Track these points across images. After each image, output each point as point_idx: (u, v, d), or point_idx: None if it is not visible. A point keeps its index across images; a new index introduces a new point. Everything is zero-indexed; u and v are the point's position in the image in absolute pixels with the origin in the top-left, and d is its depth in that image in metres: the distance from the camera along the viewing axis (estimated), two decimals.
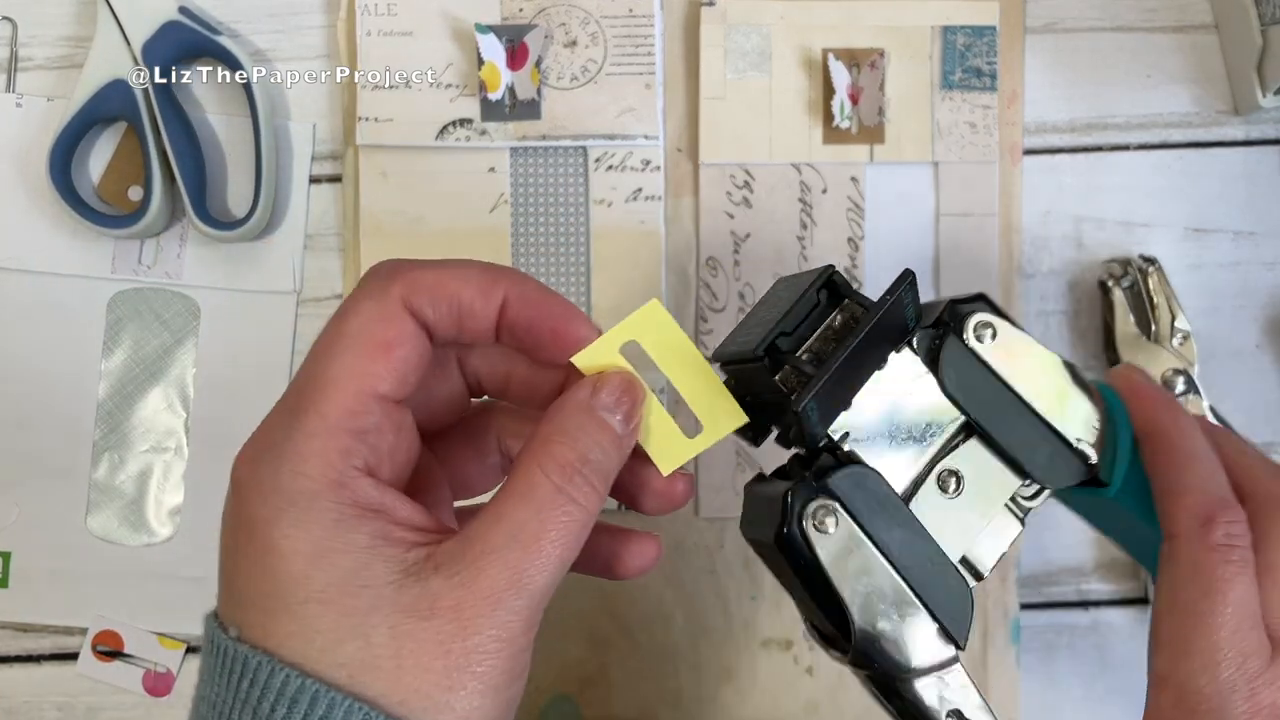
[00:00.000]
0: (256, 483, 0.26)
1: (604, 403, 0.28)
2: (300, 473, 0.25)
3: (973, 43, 0.49)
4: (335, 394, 0.26)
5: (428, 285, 0.27)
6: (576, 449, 0.27)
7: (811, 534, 0.31)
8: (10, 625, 0.49)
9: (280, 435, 0.26)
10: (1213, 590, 0.31)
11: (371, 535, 0.25)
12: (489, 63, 0.48)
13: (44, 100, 0.50)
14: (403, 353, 0.27)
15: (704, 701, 0.49)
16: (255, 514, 0.25)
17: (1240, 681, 0.30)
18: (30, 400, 0.49)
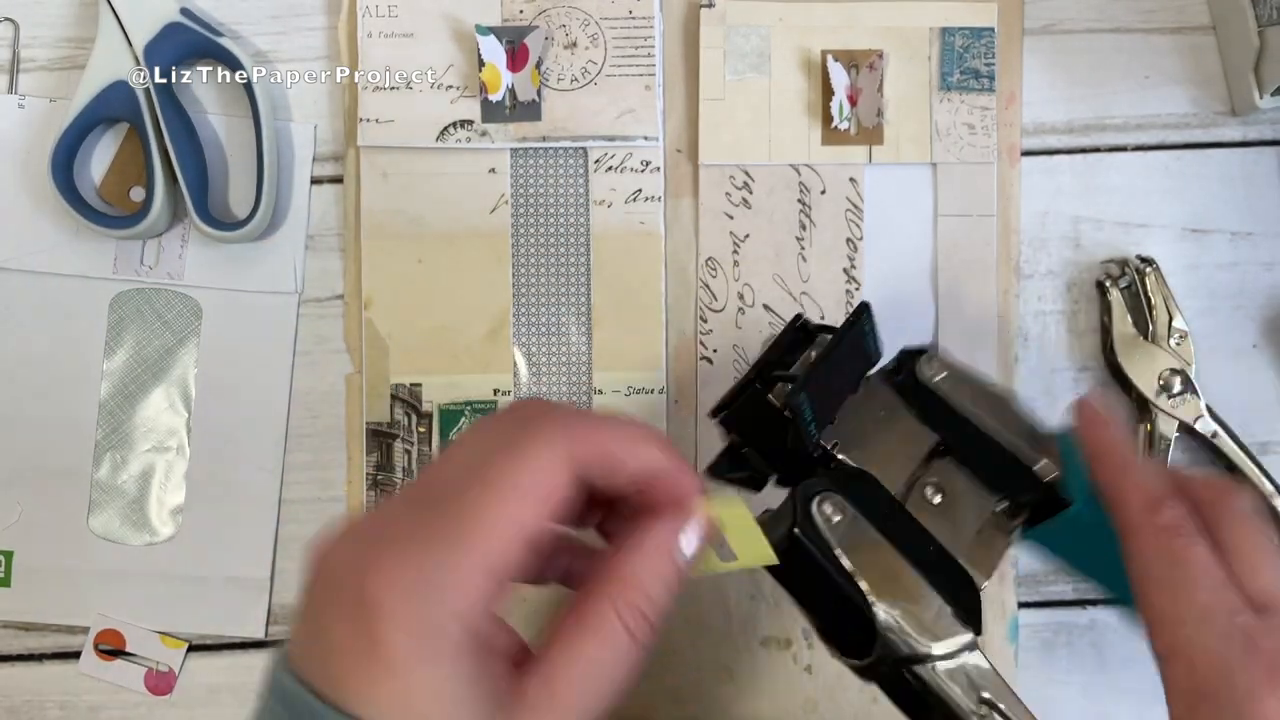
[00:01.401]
0: (405, 614, 0.26)
1: (684, 548, 0.30)
2: (449, 613, 0.26)
3: (971, 44, 0.50)
4: (495, 540, 0.27)
5: (595, 445, 0.29)
6: (650, 595, 0.29)
7: (821, 524, 0.33)
8: (12, 624, 0.49)
9: (431, 565, 0.27)
10: (1177, 560, 0.33)
11: (493, 676, 0.27)
12: (489, 64, 0.48)
13: (46, 101, 0.50)
14: (561, 507, 0.28)
15: (704, 700, 0.49)
16: (394, 640, 0.26)
17: (1237, 633, 0.31)
18: (32, 400, 0.49)
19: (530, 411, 0.30)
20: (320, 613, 0.28)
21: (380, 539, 0.28)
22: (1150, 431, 0.48)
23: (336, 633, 0.27)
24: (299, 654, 0.28)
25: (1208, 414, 0.48)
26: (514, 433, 0.29)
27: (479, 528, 0.27)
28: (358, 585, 0.27)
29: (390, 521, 0.29)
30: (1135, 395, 0.49)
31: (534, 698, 0.27)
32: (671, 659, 0.49)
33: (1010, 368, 0.49)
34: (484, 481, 0.28)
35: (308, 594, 0.28)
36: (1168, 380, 0.48)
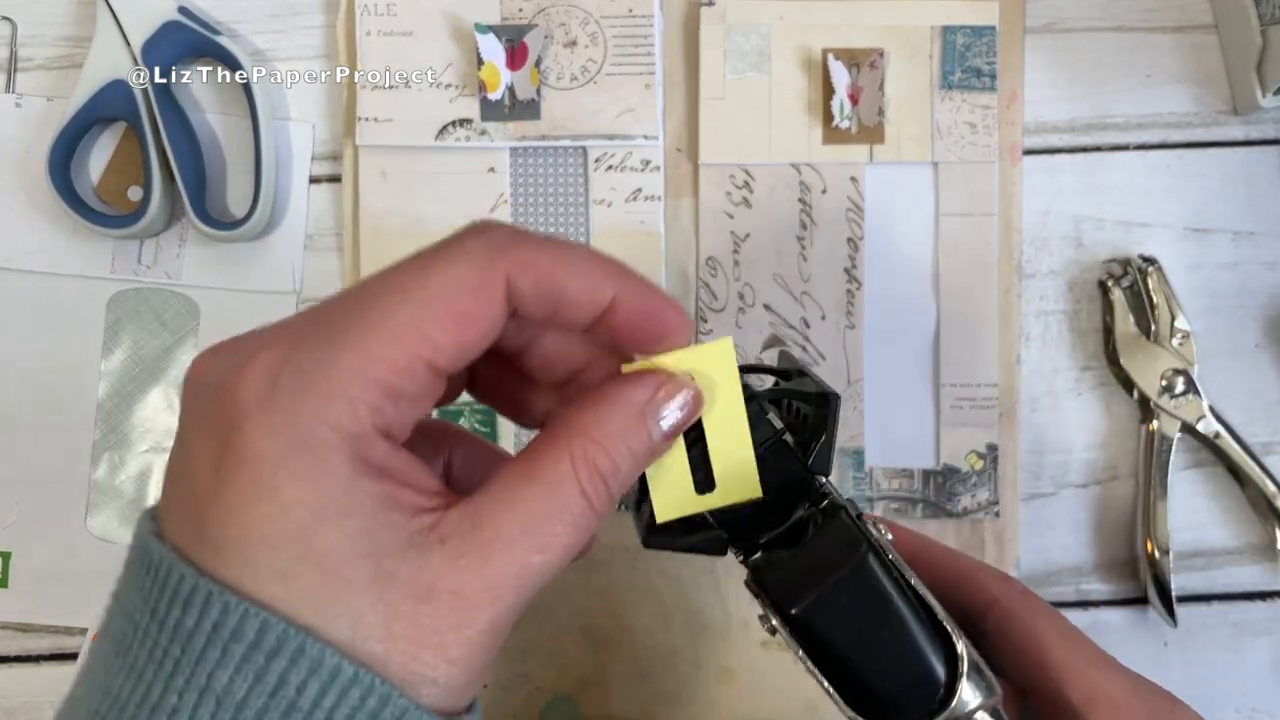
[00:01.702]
0: (268, 408, 0.22)
1: (660, 412, 0.26)
2: (323, 417, 0.22)
3: (972, 43, 0.49)
4: (388, 344, 0.23)
5: (538, 270, 0.25)
6: (613, 456, 0.25)
7: (884, 544, 0.28)
8: (10, 625, 0.49)
9: (310, 362, 0.23)
10: (1053, 613, 0.33)
11: (380, 498, 0.23)
12: (488, 63, 0.48)
13: (43, 100, 0.49)
14: (479, 331, 0.24)
15: (704, 701, 0.49)
16: (258, 446, 0.22)
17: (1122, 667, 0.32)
18: (30, 400, 0.49)
19: (479, 229, 0.25)
20: (185, 438, 0.24)
21: (259, 347, 0.23)
22: (1153, 432, 0.48)
23: (197, 452, 0.23)
24: (165, 500, 0.24)
25: (1210, 414, 0.48)
26: (440, 244, 0.25)
27: (370, 330, 0.23)
28: (223, 391, 0.23)
29: (274, 329, 0.24)
30: (1138, 395, 0.49)
31: (455, 541, 0.23)
32: (671, 660, 0.49)
33: (1012, 368, 0.49)
34: (389, 286, 0.24)
35: (179, 422, 0.24)
36: (1170, 380, 0.48)
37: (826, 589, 0.27)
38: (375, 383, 0.23)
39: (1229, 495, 0.49)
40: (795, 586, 0.28)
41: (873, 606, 0.27)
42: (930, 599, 0.28)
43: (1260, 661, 0.49)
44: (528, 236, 0.25)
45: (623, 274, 0.26)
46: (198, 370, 0.24)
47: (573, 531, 0.24)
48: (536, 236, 0.25)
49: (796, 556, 0.28)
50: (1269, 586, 0.49)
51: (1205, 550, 0.49)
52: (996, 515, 0.49)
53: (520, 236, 0.25)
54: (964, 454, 0.49)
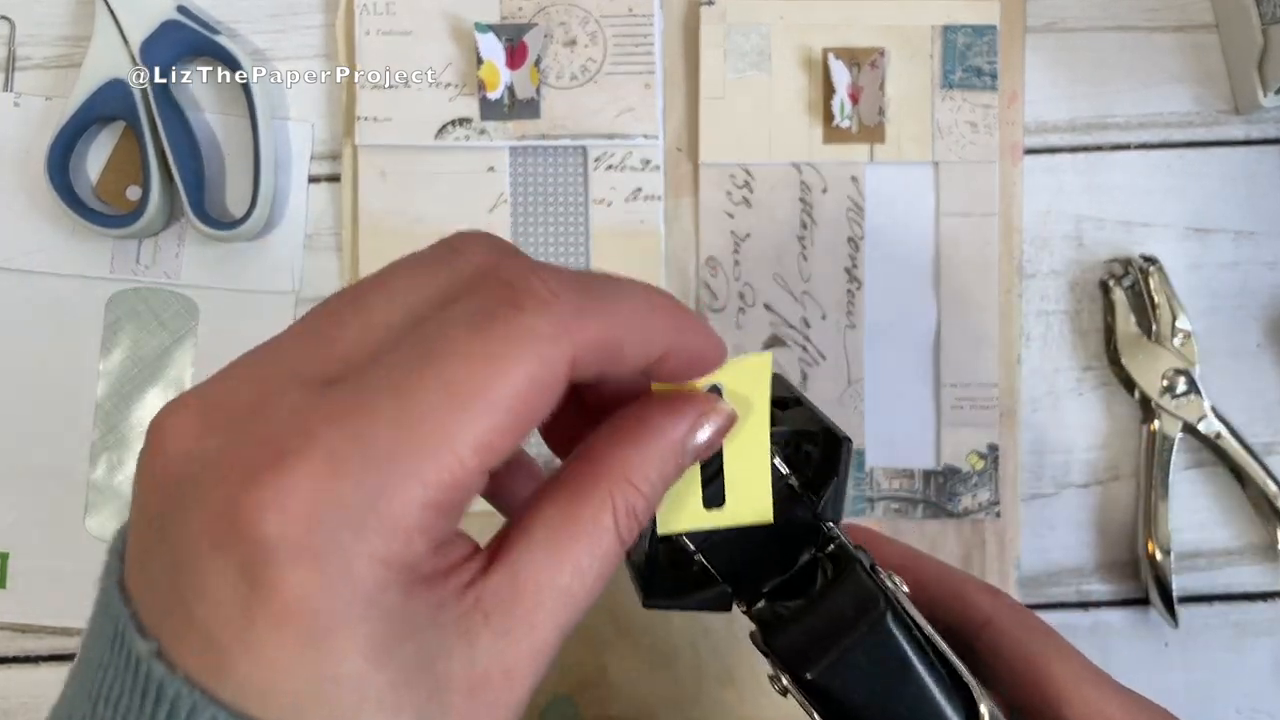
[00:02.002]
0: (312, 553, 0.19)
1: (696, 444, 0.24)
2: (377, 557, 0.20)
3: (973, 42, 0.49)
4: (448, 468, 0.20)
5: (602, 344, 0.22)
6: (650, 498, 0.23)
7: (905, 603, 0.26)
8: (8, 626, 0.49)
9: (356, 495, 0.19)
10: (1048, 630, 0.32)
11: (431, 606, 0.21)
12: (488, 62, 0.48)
13: (42, 100, 0.49)
14: (538, 420, 0.21)
15: (704, 702, 0.49)
16: (308, 600, 0.19)
17: (1113, 681, 0.32)
18: (28, 400, 0.49)
19: (510, 274, 0.22)
20: (179, 544, 0.20)
21: (272, 448, 0.20)
22: (1154, 432, 0.48)
23: (210, 579, 0.19)
24: (148, 594, 0.21)
25: (1211, 414, 0.48)
26: (496, 305, 0.21)
27: (427, 451, 0.20)
28: (243, 515, 0.19)
29: (282, 411, 0.20)
30: (1139, 395, 0.49)
31: (499, 616, 0.21)
32: (672, 662, 0.49)
33: (1013, 368, 0.49)
34: (446, 389, 0.20)
35: (149, 497, 0.21)
36: (1171, 380, 0.48)
37: (843, 651, 0.26)
38: (432, 507, 0.20)
39: (1230, 495, 0.49)
40: (809, 648, 0.26)
41: (891, 667, 0.26)
42: (949, 654, 0.27)
43: (1262, 662, 0.49)
44: (590, 303, 0.22)
45: (678, 324, 0.24)
46: (178, 444, 0.21)
47: (606, 579, 0.23)
48: (596, 297, 0.22)
49: (808, 614, 0.26)
50: (1270, 587, 0.49)
51: (1206, 551, 0.49)
52: (997, 515, 0.49)
53: (585, 307, 0.21)
54: (965, 454, 0.49)
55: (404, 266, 0.23)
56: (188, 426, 0.21)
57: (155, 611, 0.21)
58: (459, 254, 0.23)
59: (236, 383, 0.21)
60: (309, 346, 0.22)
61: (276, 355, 0.22)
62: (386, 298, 0.22)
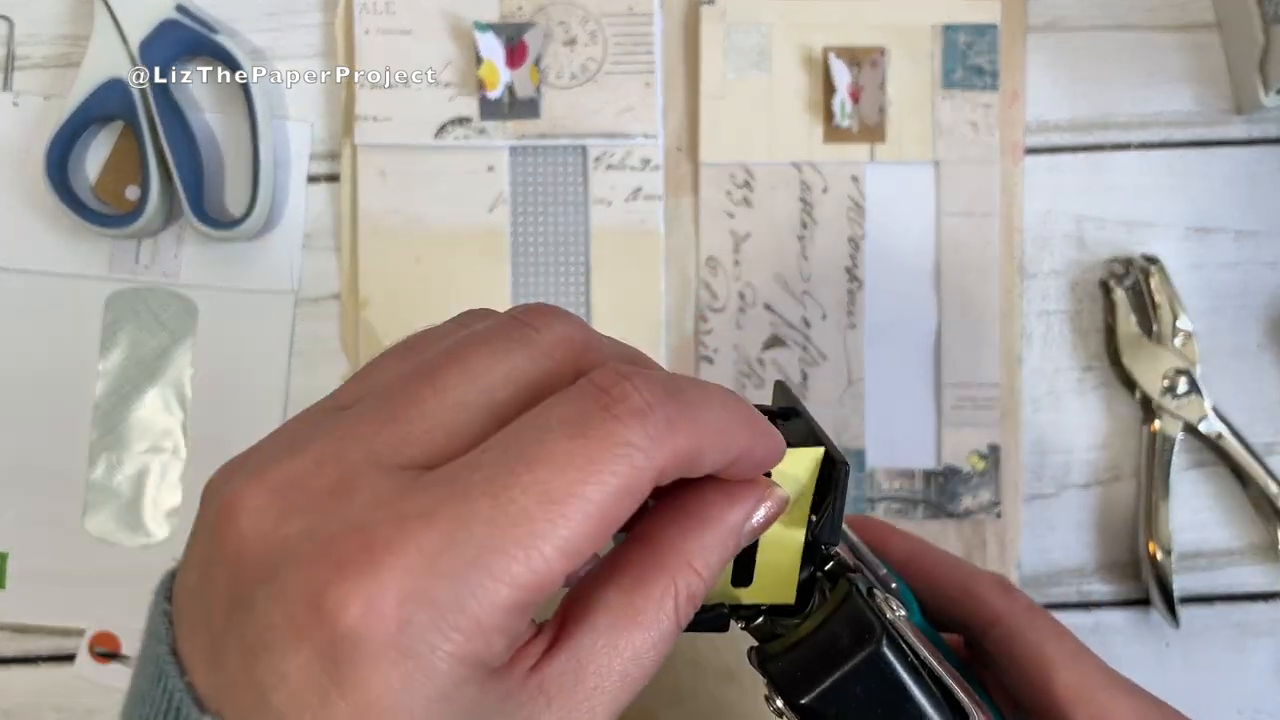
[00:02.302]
0: (400, 651, 0.19)
1: (754, 528, 0.24)
2: (460, 657, 0.20)
3: (974, 41, 0.49)
4: (538, 573, 0.20)
5: (685, 458, 0.22)
6: (709, 583, 0.23)
7: (902, 629, 0.26)
8: (7, 626, 0.48)
9: (448, 595, 0.19)
10: (1062, 633, 0.32)
11: (499, 695, 0.21)
12: (487, 61, 0.48)
13: (41, 99, 0.49)
14: (619, 526, 0.22)
15: (704, 701, 0.48)
16: (391, 697, 0.19)
17: (1128, 686, 0.32)
18: (26, 400, 0.49)
19: (603, 379, 0.22)
20: (256, 625, 0.20)
21: (360, 540, 0.20)
22: (1155, 432, 0.48)
23: (286, 660, 0.19)
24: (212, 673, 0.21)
25: (1212, 414, 0.48)
26: (591, 413, 0.21)
27: (518, 556, 0.20)
28: (325, 609, 0.19)
29: (367, 501, 0.20)
30: (1139, 395, 0.48)
31: (560, 701, 0.21)
32: (672, 659, 0.49)
33: (1013, 368, 0.49)
34: (542, 489, 0.20)
35: (218, 573, 0.21)
36: (1172, 380, 0.48)
37: (838, 680, 0.26)
38: (515, 608, 0.20)
39: (1231, 496, 0.49)
40: (803, 675, 0.26)
41: (886, 695, 0.26)
42: (946, 679, 0.27)
43: (1263, 663, 0.49)
44: (680, 416, 0.22)
45: (751, 431, 0.23)
46: (252, 524, 0.21)
47: (662, 661, 0.23)
48: (685, 408, 0.22)
49: (803, 641, 0.26)
50: (1271, 588, 0.49)
51: (1208, 551, 0.49)
52: (998, 516, 0.49)
53: (675, 421, 0.21)
54: (965, 454, 0.49)
55: (479, 345, 0.23)
56: (266, 506, 0.21)
57: (218, 691, 0.20)
58: (535, 332, 0.23)
59: (313, 461, 0.21)
60: (386, 427, 0.22)
61: (353, 433, 0.22)
62: (464, 379, 0.22)
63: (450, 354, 0.22)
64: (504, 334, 0.23)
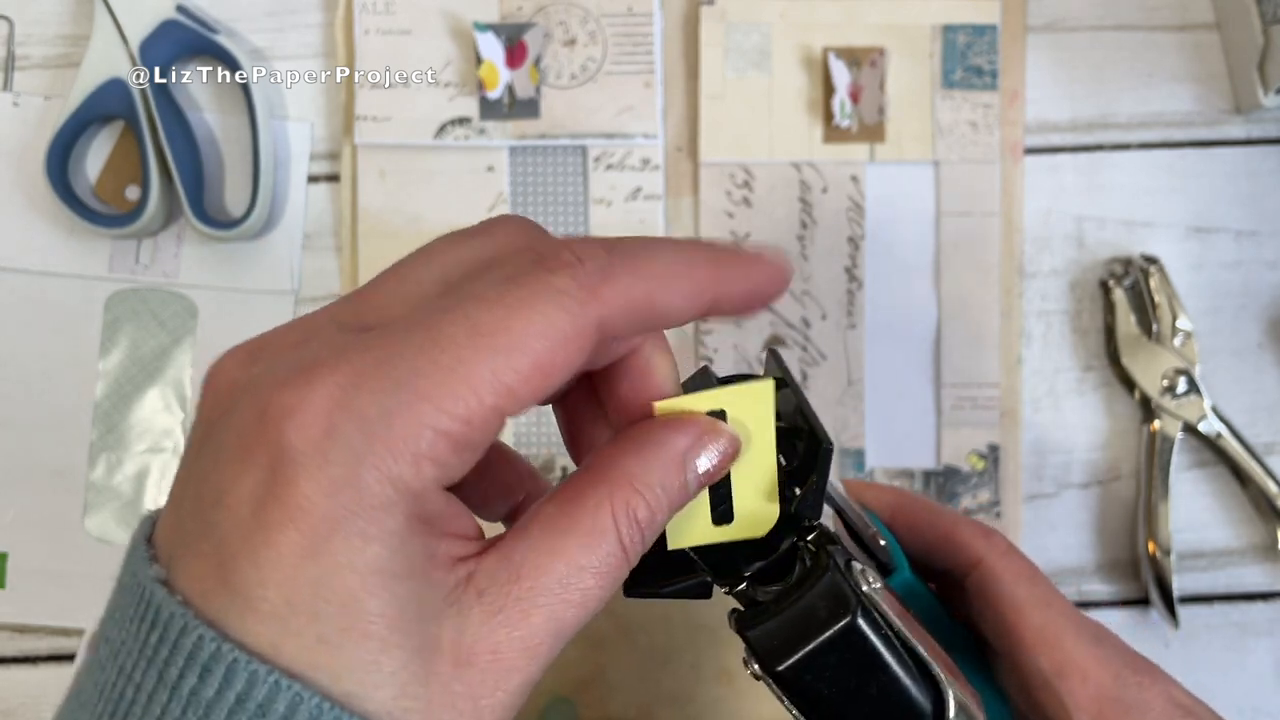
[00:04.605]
0: (326, 459, 0.20)
1: (698, 465, 0.25)
2: (386, 474, 0.20)
3: (974, 41, 0.49)
4: (464, 397, 0.21)
5: (632, 302, 0.22)
6: (652, 506, 0.23)
7: (876, 600, 0.27)
8: (8, 626, 0.48)
9: (374, 409, 0.20)
10: (1035, 578, 0.33)
11: (428, 556, 0.21)
12: (487, 61, 0.48)
13: (41, 99, 0.49)
14: (561, 378, 0.22)
15: (703, 702, 0.48)
16: (313, 502, 0.20)
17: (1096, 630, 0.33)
18: (27, 400, 0.49)
19: (541, 245, 0.23)
20: (212, 460, 0.21)
21: (311, 372, 0.21)
22: (1154, 432, 0.48)
23: (229, 484, 0.20)
24: (172, 527, 0.21)
25: (1212, 414, 0.48)
26: (525, 268, 0.22)
27: (445, 379, 0.21)
28: (269, 422, 0.20)
29: (326, 349, 0.21)
30: (1139, 395, 0.48)
31: (492, 595, 0.21)
32: (670, 660, 0.49)
33: (1013, 367, 0.49)
34: (470, 327, 0.21)
35: (198, 432, 0.22)
36: (1172, 380, 0.48)
37: (814, 649, 0.26)
38: (444, 436, 0.21)
39: (1231, 495, 0.49)
40: (781, 644, 0.27)
41: (861, 663, 0.26)
42: (919, 649, 0.27)
43: (1263, 663, 0.49)
44: (617, 264, 0.22)
45: (717, 272, 0.24)
46: (227, 376, 0.22)
47: (608, 585, 0.23)
48: (624, 258, 0.23)
49: (781, 611, 0.27)
50: (1271, 587, 0.49)
51: (1207, 551, 0.49)
52: (998, 516, 0.49)
53: (611, 268, 0.22)
54: (965, 454, 0.49)
55: (444, 240, 0.24)
56: (239, 360, 0.23)
57: (171, 533, 0.21)
58: (495, 230, 0.24)
59: (285, 329, 0.23)
60: (350, 303, 0.24)
61: (322, 311, 0.24)
62: (424, 265, 0.24)
63: (418, 251, 0.25)
64: (468, 232, 0.25)
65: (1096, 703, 0.31)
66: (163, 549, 0.21)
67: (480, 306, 0.21)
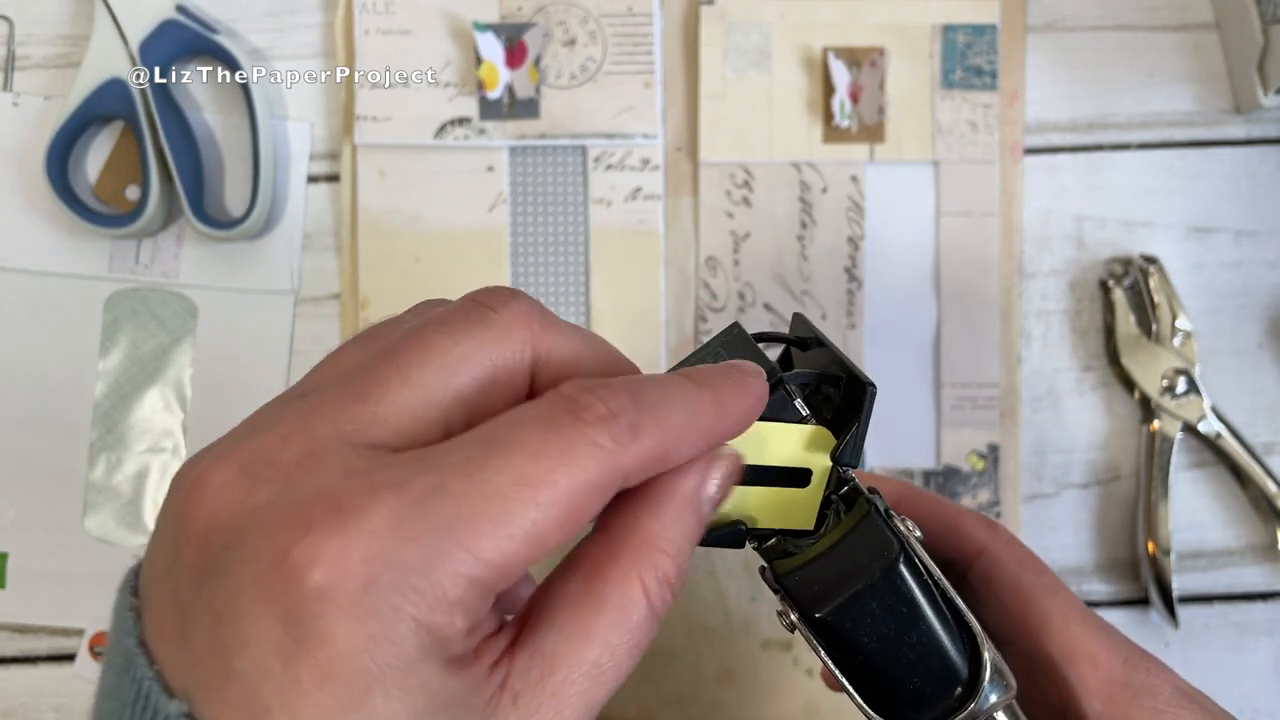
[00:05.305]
0: (364, 611, 0.19)
1: (710, 495, 0.24)
2: (423, 625, 0.19)
3: (973, 41, 0.49)
4: (504, 552, 0.20)
5: (653, 461, 0.22)
6: (679, 563, 0.23)
7: (917, 548, 0.27)
8: (7, 626, 0.48)
9: (415, 559, 0.19)
10: (1040, 567, 0.33)
11: (464, 687, 0.20)
12: (487, 61, 0.48)
13: (41, 99, 0.49)
14: (585, 525, 0.22)
15: (703, 703, 0.48)
16: (353, 659, 0.19)
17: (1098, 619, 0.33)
18: (27, 400, 0.49)
19: (570, 388, 0.22)
20: (223, 598, 0.20)
21: (330, 504, 0.20)
22: (1154, 432, 0.48)
23: (251, 628, 0.19)
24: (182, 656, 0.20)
25: (1212, 414, 0.48)
26: (557, 418, 0.21)
27: (486, 531, 0.20)
28: (291, 567, 0.19)
29: (336, 471, 0.20)
30: (1139, 395, 0.48)
31: (527, 698, 0.21)
32: (671, 662, 0.49)
33: (1013, 367, 0.49)
34: (515, 475, 0.20)
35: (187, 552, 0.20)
36: (1171, 380, 0.48)
37: (855, 593, 0.26)
38: (478, 584, 0.20)
39: (1230, 495, 0.49)
40: (821, 589, 0.26)
41: (901, 611, 0.26)
42: (957, 600, 0.27)
43: (1262, 663, 0.49)
44: (644, 420, 0.22)
45: (721, 411, 0.24)
46: (220, 500, 0.20)
47: (641, 651, 0.22)
48: (649, 412, 0.22)
49: (823, 555, 0.27)
50: (1271, 587, 0.49)
51: (1207, 551, 0.49)
52: (998, 516, 0.49)
53: (639, 425, 0.22)
54: (965, 454, 0.49)
55: (438, 325, 0.23)
56: (234, 481, 0.21)
57: (186, 668, 0.20)
58: (492, 311, 0.23)
59: (279, 438, 0.21)
60: (351, 404, 0.22)
61: (318, 412, 0.22)
62: (425, 359, 0.22)
63: (410, 335, 0.23)
64: (462, 315, 0.23)
65: (1106, 687, 0.31)
66: (175, 679, 0.20)
67: (523, 456, 0.21)
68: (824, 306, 0.49)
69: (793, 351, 0.32)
